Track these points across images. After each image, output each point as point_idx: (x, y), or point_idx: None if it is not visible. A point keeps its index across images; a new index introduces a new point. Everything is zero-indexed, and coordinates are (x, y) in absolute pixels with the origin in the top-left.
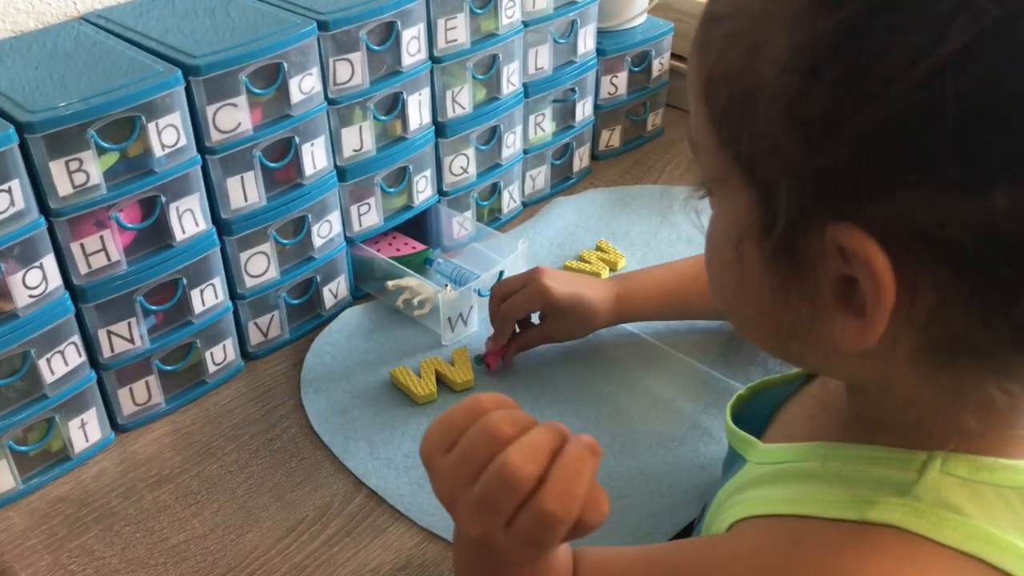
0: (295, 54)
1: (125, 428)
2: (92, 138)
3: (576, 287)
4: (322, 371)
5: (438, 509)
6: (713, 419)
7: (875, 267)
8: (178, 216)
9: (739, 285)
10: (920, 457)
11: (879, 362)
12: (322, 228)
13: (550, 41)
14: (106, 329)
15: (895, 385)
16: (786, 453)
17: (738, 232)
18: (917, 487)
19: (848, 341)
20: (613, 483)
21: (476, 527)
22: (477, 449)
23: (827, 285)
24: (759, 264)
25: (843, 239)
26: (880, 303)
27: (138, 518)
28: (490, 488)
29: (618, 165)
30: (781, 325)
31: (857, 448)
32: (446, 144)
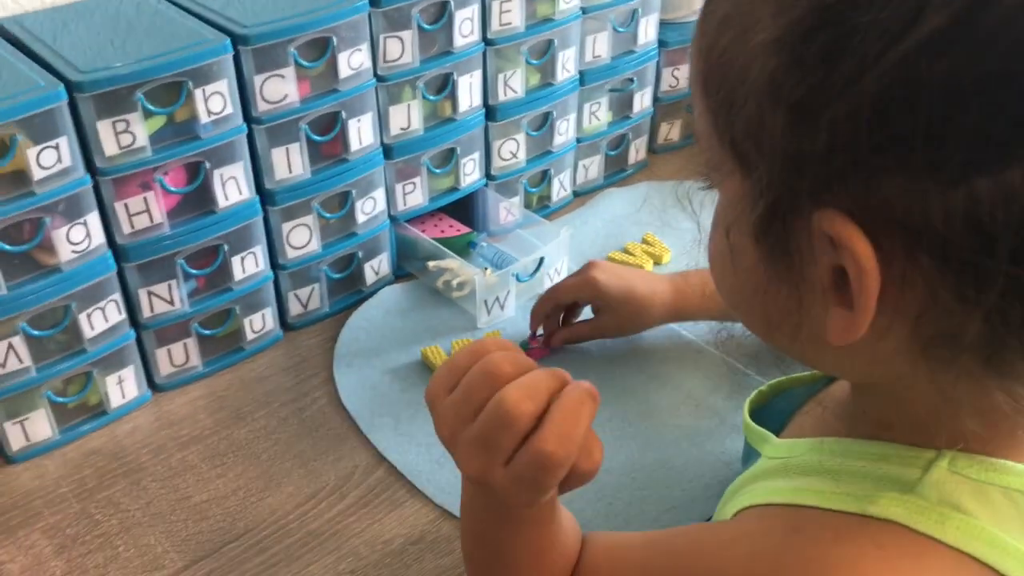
0: (345, 29)
1: (162, 388)
2: (139, 100)
3: (629, 282)
4: (355, 346)
5: (455, 487)
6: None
7: (857, 252)
8: (222, 183)
9: (732, 273)
10: (927, 455)
11: (869, 356)
12: (366, 204)
13: (609, 29)
14: (147, 289)
15: (894, 383)
16: (796, 447)
17: (729, 220)
18: (921, 484)
19: (835, 333)
20: (635, 474)
21: (474, 465)
22: (477, 387)
23: (818, 276)
24: (750, 252)
25: (827, 225)
26: (864, 290)
27: (165, 475)
28: (488, 425)
29: (676, 160)
30: (772, 315)
31: (862, 444)
32: (496, 128)
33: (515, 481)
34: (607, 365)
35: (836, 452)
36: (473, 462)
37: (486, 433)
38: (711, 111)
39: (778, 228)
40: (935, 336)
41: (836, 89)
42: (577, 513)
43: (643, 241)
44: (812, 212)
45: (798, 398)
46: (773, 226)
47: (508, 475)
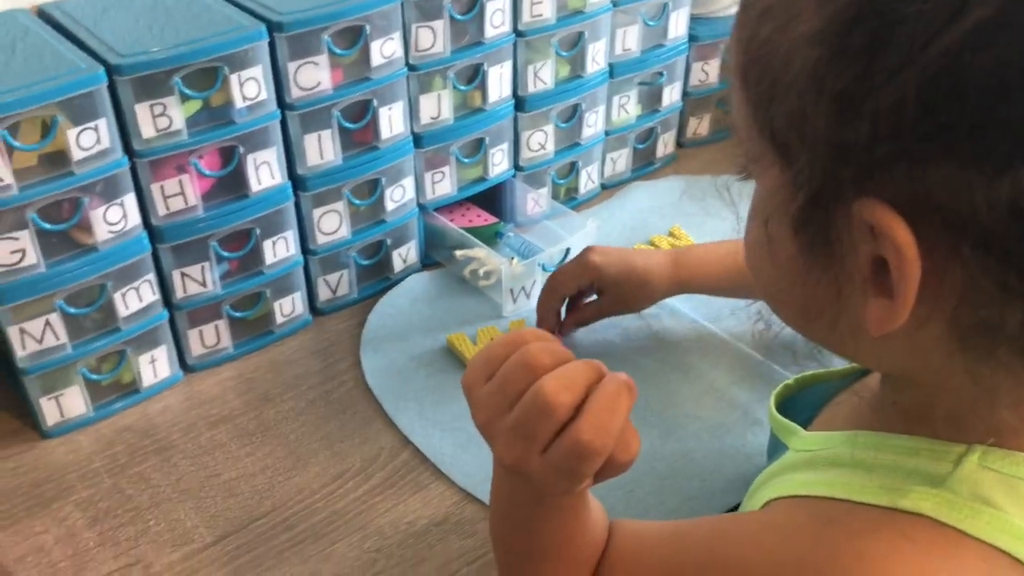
0: (378, 17)
1: (193, 368)
2: (176, 85)
3: (627, 259)
4: (383, 332)
5: (478, 471)
6: (766, 410)
7: (898, 241)
8: (255, 167)
9: (770, 264)
10: (957, 450)
11: (907, 347)
12: (395, 192)
13: (640, 22)
14: (180, 271)
15: (929, 375)
16: (823, 440)
17: (768, 210)
18: (952, 479)
19: (875, 323)
20: (655, 464)
21: (511, 453)
22: (515, 376)
23: (857, 266)
24: (788, 242)
25: (867, 214)
26: (905, 279)
27: (195, 453)
28: (526, 414)
29: (704, 155)
30: (810, 306)
31: (892, 438)
32: (525, 119)
33: (552, 470)
34: (630, 355)
35: (867, 445)
36: (510, 451)
37: (524, 422)
38: (751, 103)
39: (818, 218)
40: (974, 326)
41: (880, 79)
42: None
43: (669, 234)
44: (853, 201)
45: (826, 392)
46: (813, 216)
47: (545, 464)
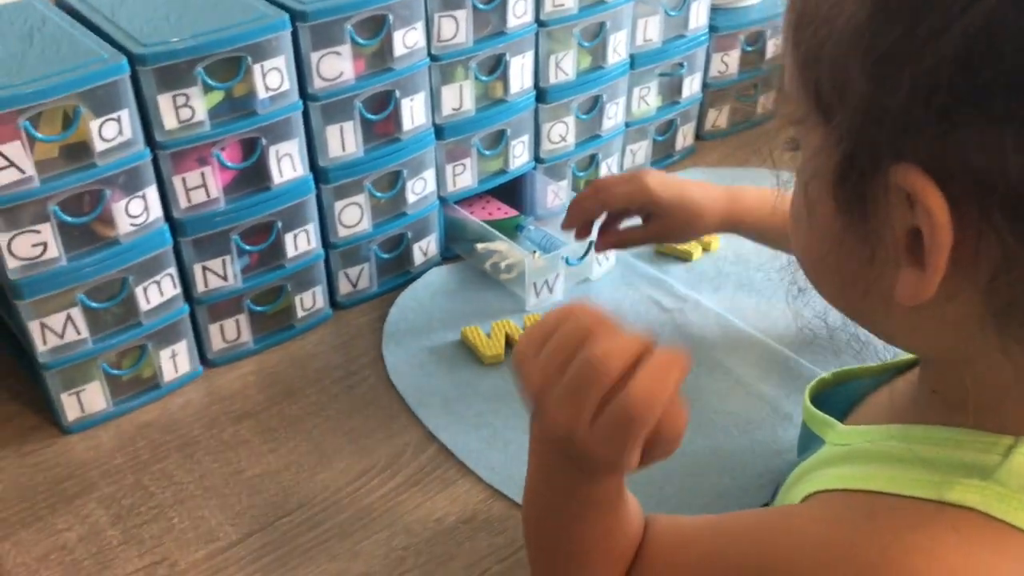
0: (401, 7)
1: (213, 363)
2: (199, 75)
3: (682, 187)
4: (404, 325)
5: (505, 467)
6: (795, 405)
7: (931, 206)
8: (277, 159)
9: (808, 228)
10: (1005, 441)
11: (939, 322)
12: (416, 185)
13: (661, 12)
14: (201, 264)
15: (962, 353)
16: (861, 434)
17: (810, 171)
18: (1000, 471)
19: (904, 292)
20: (684, 459)
21: (561, 420)
22: (567, 343)
23: (893, 234)
24: (828, 207)
25: (902, 179)
26: (936, 247)
27: (217, 449)
28: (576, 379)
29: (723, 147)
30: (845, 272)
31: (936, 430)
32: (546, 110)
33: (600, 438)
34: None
35: (908, 438)
36: (560, 416)
37: (574, 387)
38: (798, 63)
39: (855, 180)
40: (1008, 304)
41: (921, 40)
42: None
43: None
44: (889, 166)
45: (862, 389)
46: (850, 178)
47: (593, 431)
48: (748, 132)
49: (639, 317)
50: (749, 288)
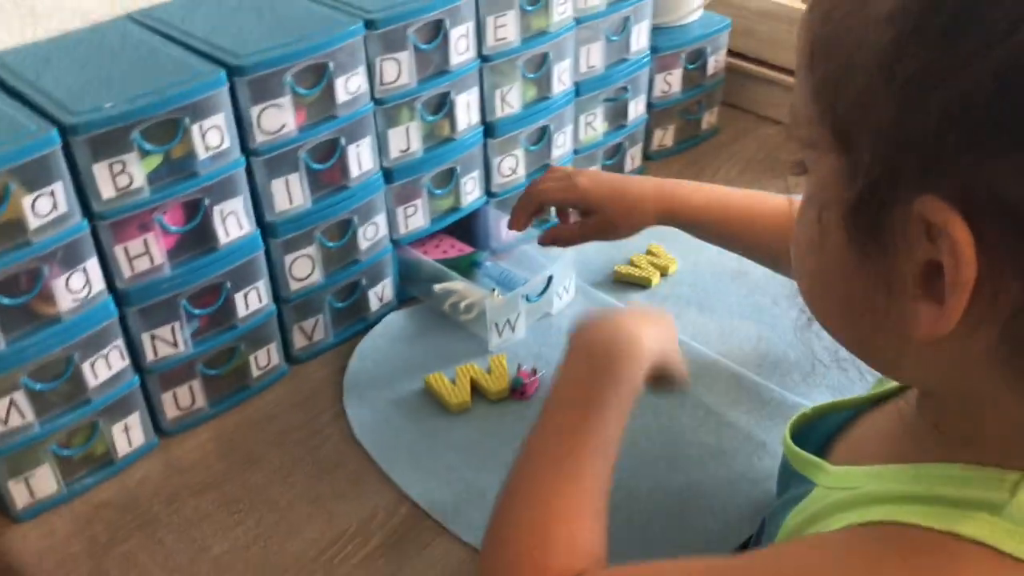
0: (341, 53)
1: (168, 432)
2: (136, 140)
3: (618, 183)
4: (365, 377)
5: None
6: (767, 431)
7: (957, 240)
8: (222, 219)
9: (818, 259)
10: (1012, 477)
11: (952, 358)
12: (368, 230)
13: (603, 38)
14: (150, 333)
15: (973, 391)
16: (864, 477)
17: (822, 201)
18: (1010, 507)
19: (922, 327)
20: (667, 499)
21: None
22: None
23: (910, 267)
24: (841, 236)
25: (928, 211)
26: (959, 280)
27: (181, 526)
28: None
29: (672, 166)
30: (857, 304)
31: (941, 468)
32: (495, 144)
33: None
34: None
35: (914, 478)
36: None
37: None
38: (814, 86)
39: (873, 211)
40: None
41: (955, 66)
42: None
43: (648, 252)
44: (912, 197)
45: (839, 420)
46: (868, 208)
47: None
48: (694, 149)
49: None
50: (710, 312)
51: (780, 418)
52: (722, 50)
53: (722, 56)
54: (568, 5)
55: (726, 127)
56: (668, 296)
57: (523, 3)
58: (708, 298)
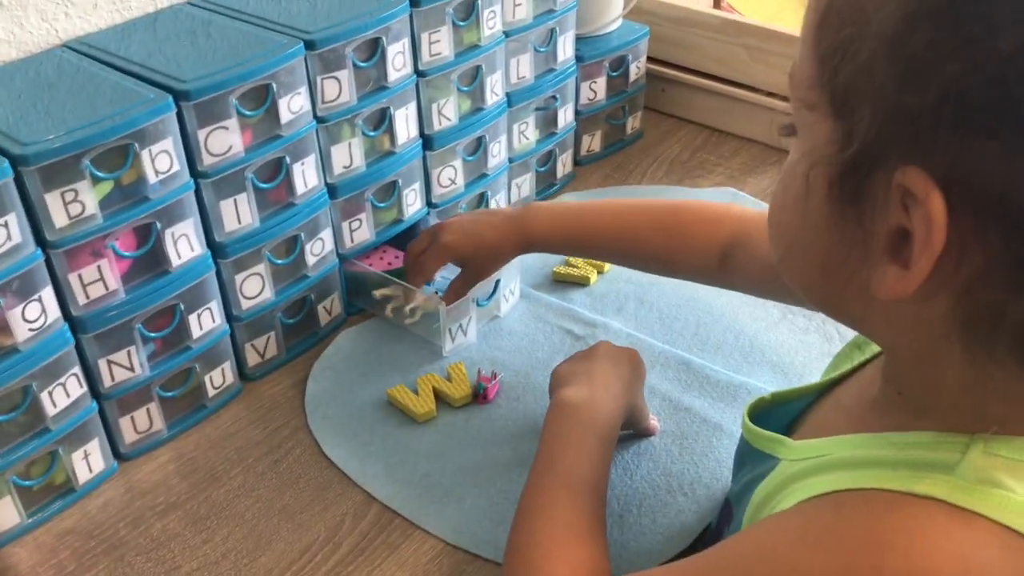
0: (284, 74)
1: (128, 457)
2: (87, 168)
3: (477, 233)
4: (326, 397)
5: (467, 524)
6: (721, 413)
7: (932, 210)
8: (174, 242)
9: (799, 215)
10: (963, 440)
11: (911, 319)
12: (315, 246)
13: (531, 50)
14: (106, 359)
15: (929, 352)
16: (828, 446)
17: (812, 160)
18: (961, 466)
19: (886, 287)
20: (636, 485)
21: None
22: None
23: (882, 231)
24: (824, 195)
25: (909, 180)
26: (927, 251)
27: (148, 547)
28: None
29: (600, 170)
30: (830, 262)
31: (901, 436)
32: (434, 156)
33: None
34: None
35: (873, 445)
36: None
37: None
38: (819, 54)
39: (859, 176)
40: (977, 312)
41: (960, 48)
42: None
43: None
44: (897, 166)
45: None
46: (855, 173)
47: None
48: (621, 153)
49: (555, 349)
50: (649, 304)
51: (731, 399)
52: (642, 57)
53: (642, 63)
54: (497, 19)
55: (649, 130)
56: (607, 293)
57: (455, 19)
58: (645, 291)
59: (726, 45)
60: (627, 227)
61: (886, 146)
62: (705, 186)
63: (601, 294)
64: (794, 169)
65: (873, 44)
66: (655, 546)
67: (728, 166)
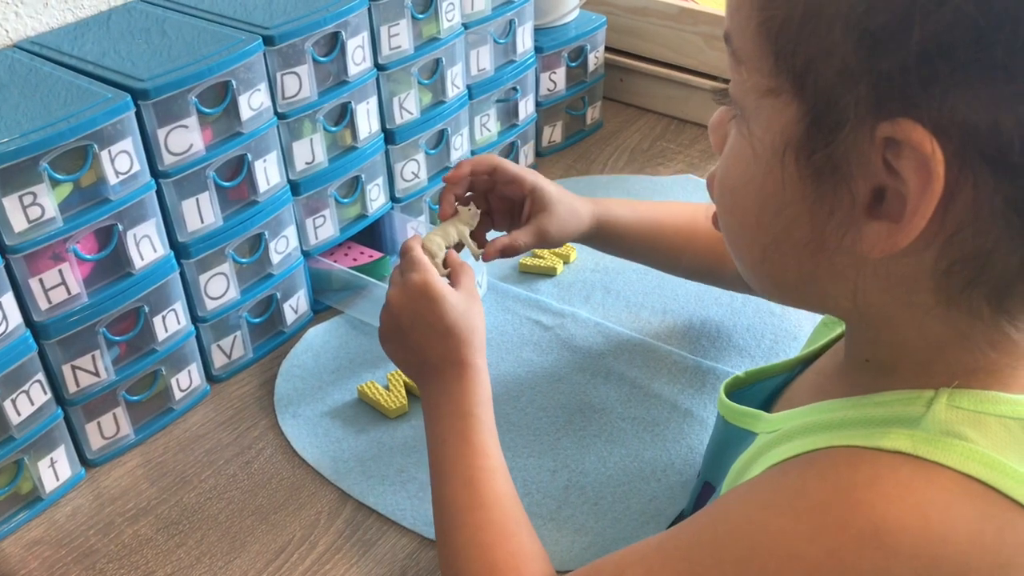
0: (243, 71)
1: (95, 463)
2: (45, 170)
3: (557, 185)
4: (295, 396)
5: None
6: (691, 399)
7: (926, 156)
8: (136, 243)
9: (764, 203)
10: (926, 395)
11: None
12: (279, 244)
13: (490, 42)
14: (70, 364)
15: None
16: (795, 414)
17: (783, 142)
18: (925, 420)
19: (880, 244)
20: (609, 472)
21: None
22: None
23: (863, 192)
24: (799, 173)
25: (898, 132)
26: (927, 195)
27: (120, 554)
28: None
29: (563, 160)
30: (809, 241)
31: (867, 397)
32: (396, 150)
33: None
34: (548, 367)
35: (838, 408)
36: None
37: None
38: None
39: (834, 145)
40: (961, 263)
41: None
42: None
43: None
44: (876, 124)
45: (778, 384)
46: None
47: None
48: (583, 142)
49: (523, 340)
50: (616, 292)
51: (699, 384)
52: (600, 47)
53: (601, 53)
54: (456, 11)
55: (609, 120)
56: (574, 282)
57: (413, 11)
58: (612, 280)
59: (682, 33)
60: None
61: (865, 112)
62: (666, 174)
63: (568, 284)
64: (751, 159)
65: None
66: (630, 532)
67: (688, 154)
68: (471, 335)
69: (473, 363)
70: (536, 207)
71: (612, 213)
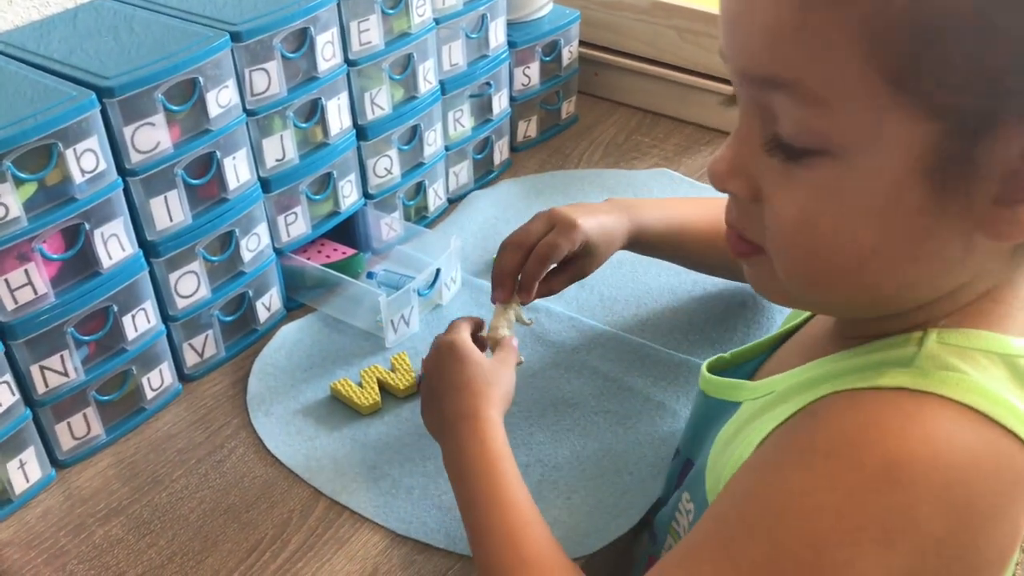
0: (210, 68)
1: (65, 464)
2: (9, 169)
3: (595, 215)
4: (268, 394)
5: (416, 514)
6: (663, 391)
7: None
8: (103, 242)
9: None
10: (916, 335)
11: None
12: (250, 241)
13: (462, 37)
14: (38, 365)
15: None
16: (784, 378)
17: (904, 165)
18: (919, 357)
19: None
20: (582, 466)
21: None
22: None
23: (994, 188)
24: (930, 190)
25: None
26: None
27: (91, 555)
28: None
29: (537, 155)
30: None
31: (859, 347)
32: (368, 147)
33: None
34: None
35: (832, 361)
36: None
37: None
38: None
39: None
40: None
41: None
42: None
43: None
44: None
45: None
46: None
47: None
48: (557, 137)
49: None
50: (589, 286)
51: (672, 377)
52: (574, 41)
53: (574, 47)
54: (427, 6)
55: (584, 114)
56: None
57: (383, 6)
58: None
59: (656, 27)
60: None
61: (994, 111)
62: (641, 168)
63: None
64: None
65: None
66: (603, 525)
67: (663, 148)
68: (486, 388)
69: (485, 415)
70: (579, 253)
71: (644, 224)
